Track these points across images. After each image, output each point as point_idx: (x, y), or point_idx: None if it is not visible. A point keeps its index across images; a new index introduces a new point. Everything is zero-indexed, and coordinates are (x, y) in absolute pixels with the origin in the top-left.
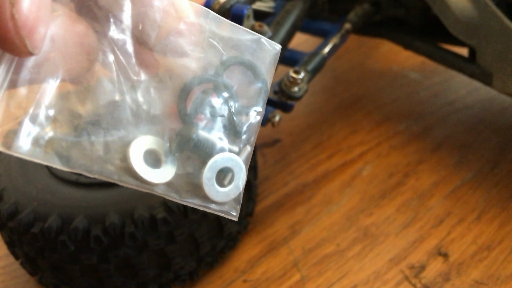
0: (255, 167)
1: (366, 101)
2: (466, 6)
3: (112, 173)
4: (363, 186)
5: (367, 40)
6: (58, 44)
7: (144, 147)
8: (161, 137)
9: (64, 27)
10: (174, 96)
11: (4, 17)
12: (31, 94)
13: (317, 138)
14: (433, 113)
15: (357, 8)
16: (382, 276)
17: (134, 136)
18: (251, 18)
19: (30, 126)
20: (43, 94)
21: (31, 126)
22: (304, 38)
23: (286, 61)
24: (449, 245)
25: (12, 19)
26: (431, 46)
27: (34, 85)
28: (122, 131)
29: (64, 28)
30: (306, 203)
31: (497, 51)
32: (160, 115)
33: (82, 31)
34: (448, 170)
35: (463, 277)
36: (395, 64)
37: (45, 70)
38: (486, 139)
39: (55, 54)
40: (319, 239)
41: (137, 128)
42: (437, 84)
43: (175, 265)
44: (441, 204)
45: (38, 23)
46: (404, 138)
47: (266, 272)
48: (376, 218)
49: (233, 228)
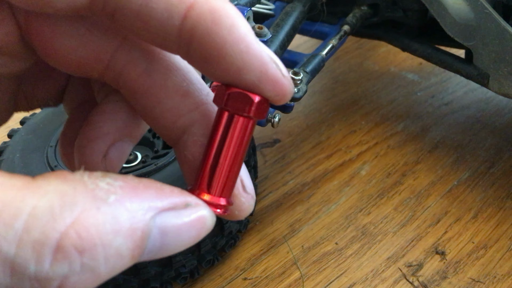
0: (255, 166)
1: (364, 101)
2: (463, 8)
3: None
4: (361, 186)
5: (365, 42)
6: None
7: None
8: None
9: None
10: None
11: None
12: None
13: (316, 138)
14: (430, 114)
15: (355, 10)
16: (380, 274)
17: None
18: (251, 20)
19: None
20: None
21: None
22: (303, 39)
23: (285, 63)
24: (446, 243)
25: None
26: (428, 47)
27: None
28: None
29: None
30: (305, 202)
31: (493, 53)
32: None
33: None
34: (445, 169)
35: (460, 275)
36: (393, 66)
37: None
38: (482, 139)
39: None
40: (318, 237)
41: None
42: (434, 85)
43: (177, 263)
44: (438, 203)
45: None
46: (401, 138)
47: (266, 270)
48: (374, 217)
49: (233, 227)
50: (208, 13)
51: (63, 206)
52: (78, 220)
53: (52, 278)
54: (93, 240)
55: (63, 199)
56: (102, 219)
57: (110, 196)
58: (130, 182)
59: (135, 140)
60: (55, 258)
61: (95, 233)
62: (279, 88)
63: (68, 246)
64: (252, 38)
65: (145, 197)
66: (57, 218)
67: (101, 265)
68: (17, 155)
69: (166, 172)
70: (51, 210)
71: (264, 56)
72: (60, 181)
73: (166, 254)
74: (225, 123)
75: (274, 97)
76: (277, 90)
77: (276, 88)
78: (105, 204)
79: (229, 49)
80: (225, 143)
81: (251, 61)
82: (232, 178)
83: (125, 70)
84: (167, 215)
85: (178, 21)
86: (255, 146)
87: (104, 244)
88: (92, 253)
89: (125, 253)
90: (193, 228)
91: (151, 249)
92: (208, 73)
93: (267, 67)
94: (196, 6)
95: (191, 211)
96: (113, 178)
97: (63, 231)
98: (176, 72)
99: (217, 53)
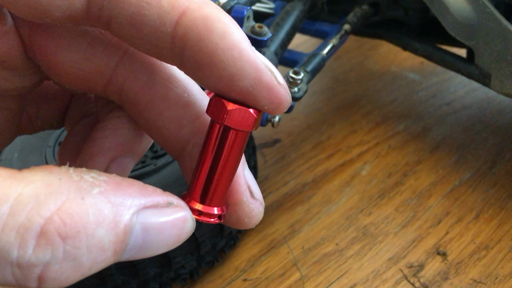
0: (255, 167)
1: (365, 101)
2: (464, 7)
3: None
4: (362, 186)
5: (366, 41)
6: None
7: None
8: None
9: None
10: None
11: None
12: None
13: (317, 138)
14: (431, 114)
15: (356, 9)
16: (381, 275)
17: None
18: (251, 19)
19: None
20: None
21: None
22: (303, 39)
23: (285, 62)
24: (448, 244)
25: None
26: (429, 47)
27: None
28: None
29: None
30: (306, 202)
31: (495, 52)
32: None
33: None
34: (447, 170)
35: (461, 276)
36: (394, 65)
37: None
38: (484, 139)
39: None
40: (319, 238)
41: None
42: (436, 84)
43: (176, 264)
44: (439, 204)
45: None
46: (402, 138)
47: (266, 271)
48: (375, 218)
49: (233, 228)
50: (201, 20)
51: (48, 194)
52: (63, 207)
53: (34, 264)
54: (76, 228)
55: (48, 188)
56: (86, 209)
57: (95, 188)
58: (114, 178)
59: (137, 156)
60: (38, 244)
61: (78, 221)
62: (274, 96)
63: (52, 232)
64: (246, 45)
65: (129, 193)
66: (42, 205)
67: (84, 255)
68: (15, 155)
69: (165, 173)
70: (37, 197)
71: (258, 63)
72: (46, 172)
73: (147, 253)
74: (216, 134)
75: (269, 105)
76: (271, 97)
77: (271, 95)
78: (89, 195)
79: (221, 55)
80: (216, 154)
81: (245, 68)
82: (223, 187)
83: (126, 83)
84: (149, 213)
85: (170, 28)
86: (255, 146)
87: (87, 233)
88: (75, 240)
89: (107, 246)
90: (175, 227)
91: (133, 246)
92: (202, 81)
93: (261, 74)
94: (188, 13)
95: (173, 210)
96: (98, 173)
97: (48, 217)
98: (176, 83)
99: (210, 59)
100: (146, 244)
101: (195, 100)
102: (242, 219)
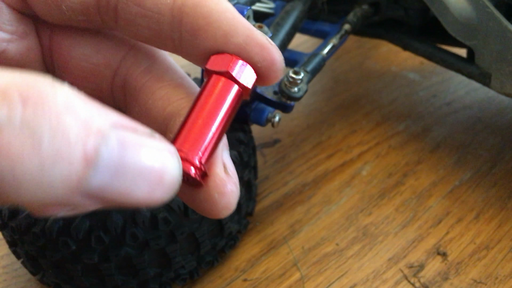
0: (255, 167)
1: (365, 101)
2: (464, 7)
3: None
4: (362, 186)
5: (366, 41)
6: None
7: None
8: None
9: None
10: None
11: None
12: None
13: (317, 138)
14: (431, 114)
15: (356, 9)
16: (381, 275)
17: None
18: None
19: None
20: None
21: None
22: (303, 39)
23: (285, 62)
24: (448, 244)
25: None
26: (430, 47)
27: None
28: None
29: None
30: (306, 202)
31: (495, 52)
32: None
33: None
34: (447, 170)
35: (461, 276)
36: (394, 65)
37: None
38: (484, 139)
39: None
40: (319, 238)
41: None
42: (436, 84)
43: (176, 264)
44: (439, 204)
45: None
46: (403, 138)
47: (266, 271)
48: (375, 218)
49: (233, 228)
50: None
51: (17, 71)
52: (29, 80)
53: None
54: (41, 99)
55: (15, 71)
56: (55, 92)
57: (70, 92)
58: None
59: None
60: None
61: (44, 96)
62: (266, 52)
63: (12, 90)
64: (237, 12)
65: (107, 110)
66: (6, 72)
67: (45, 134)
68: None
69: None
70: (3, 70)
71: (250, 25)
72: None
73: (125, 189)
74: (207, 84)
75: (262, 62)
76: (264, 54)
77: (264, 52)
78: (62, 88)
79: (216, 15)
80: (204, 102)
81: (238, 26)
82: (206, 138)
83: (129, 71)
84: (128, 132)
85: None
86: (255, 146)
87: (51, 111)
88: (37, 110)
89: (74, 140)
90: (156, 160)
91: (108, 162)
92: (198, 46)
93: (253, 32)
94: None
95: (155, 141)
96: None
97: (11, 80)
98: (173, 71)
99: (206, 21)
100: (123, 167)
101: (188, 83)
102: (212, 195)
